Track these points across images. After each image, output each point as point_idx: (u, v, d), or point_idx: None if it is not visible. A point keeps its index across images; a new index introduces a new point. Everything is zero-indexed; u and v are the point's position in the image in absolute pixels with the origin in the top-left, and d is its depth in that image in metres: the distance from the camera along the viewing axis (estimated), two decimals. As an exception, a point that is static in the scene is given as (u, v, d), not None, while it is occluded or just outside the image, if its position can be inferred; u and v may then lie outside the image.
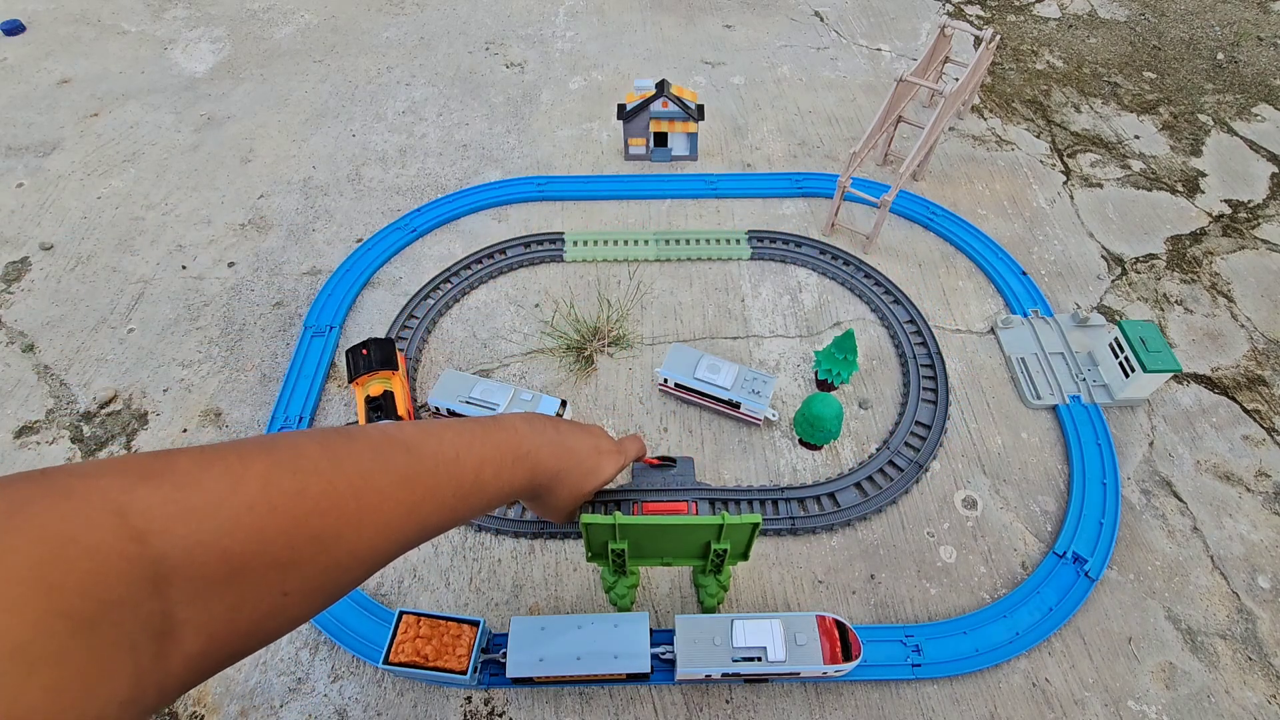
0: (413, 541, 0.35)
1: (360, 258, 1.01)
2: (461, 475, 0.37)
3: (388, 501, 0.32)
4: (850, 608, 0.70)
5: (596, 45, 1.45)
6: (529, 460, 0.43)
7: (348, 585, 0.32)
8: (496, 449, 0.40)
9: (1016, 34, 1.48)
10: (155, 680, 0.22)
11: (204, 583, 0.23)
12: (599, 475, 0.52)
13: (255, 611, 0.26)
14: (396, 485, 0.32)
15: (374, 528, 0.31)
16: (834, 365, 0.81)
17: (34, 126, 1.27)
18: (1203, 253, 1.04)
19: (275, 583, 0.26)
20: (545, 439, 0.45)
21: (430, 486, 0.35)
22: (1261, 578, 0.72)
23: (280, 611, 0.28)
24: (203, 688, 0.65)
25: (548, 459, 0.45)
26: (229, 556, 0.24)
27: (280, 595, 0.27)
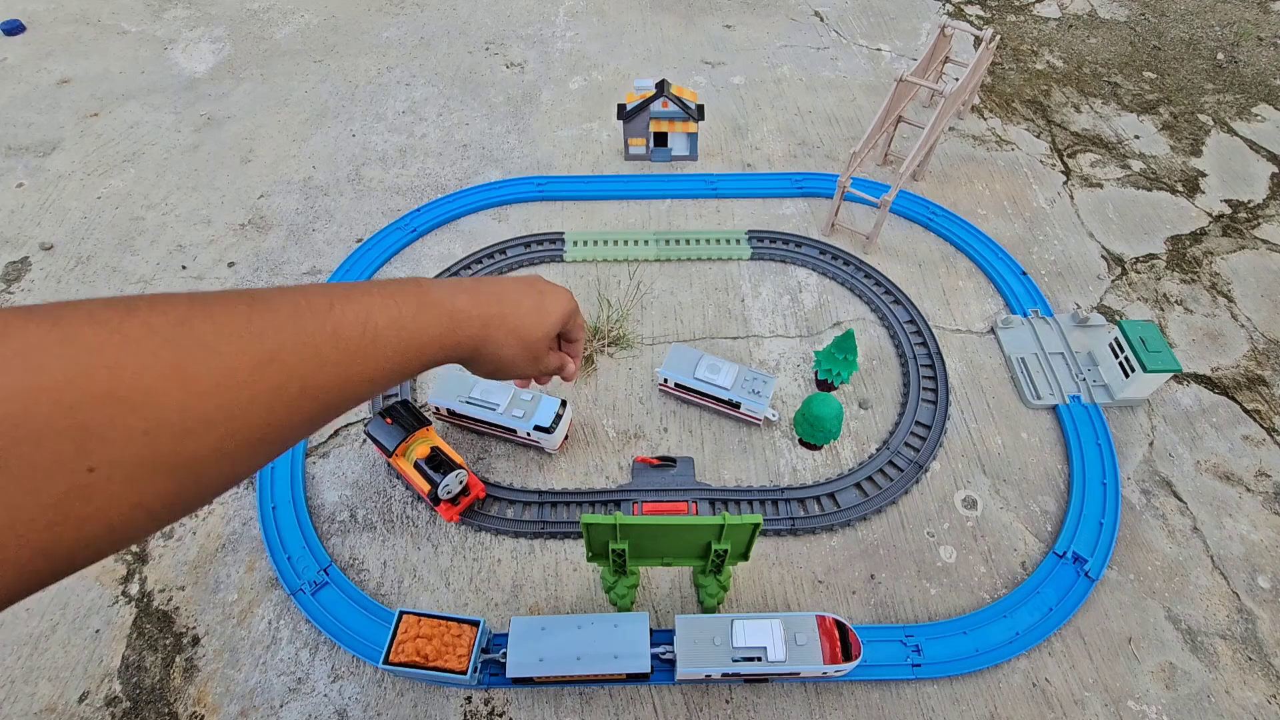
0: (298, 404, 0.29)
1: (360, 258, 1.01)
2: (340, 323, 0.31)
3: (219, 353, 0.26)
4: (850, 608, 0.70)
5: (596, 45, 1.45)
6: (441, 307, 0.36)
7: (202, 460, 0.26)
8: (391, 296, 0.34)
9: (1016, 34, 1.48)
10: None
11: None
12: (549, 311, 0.44)
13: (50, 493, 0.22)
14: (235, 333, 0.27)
15: (211, 384, 0.25)
16: (834, 365, 0.81)
17: (34, 126, 1.27)
18: (1203, 253, 1.04)
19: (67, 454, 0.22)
20: (455, 287, 0.38)
21: (292, 337, 0.29)
22: (1261, 578, 0.72)
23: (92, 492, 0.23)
24: (203, 688, 0.65)
25: (467, 305, 0.38)
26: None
27: (84, 471, 0.22)
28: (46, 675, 0.66)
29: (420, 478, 0.72)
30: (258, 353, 0.27)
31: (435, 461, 0.71)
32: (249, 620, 0.70)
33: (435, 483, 0.70)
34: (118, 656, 0.68)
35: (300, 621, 0.70)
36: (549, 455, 0.81)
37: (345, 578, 0.71)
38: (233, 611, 0.70)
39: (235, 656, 0.67)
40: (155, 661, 0.67)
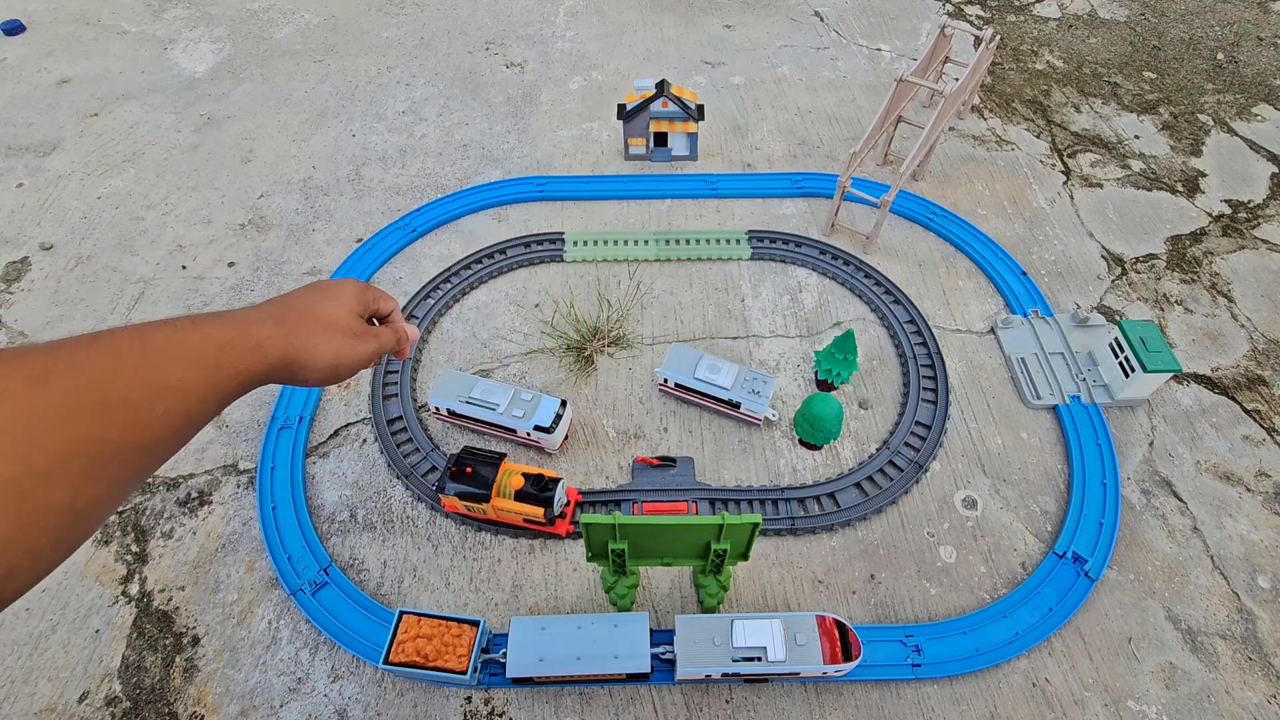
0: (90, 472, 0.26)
1: (360, 258, 1.01)
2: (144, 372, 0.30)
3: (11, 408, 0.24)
4: (850, 608, 0.70)
5: (596, 45, 1.45)
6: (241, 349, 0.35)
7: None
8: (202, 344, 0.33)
9: (1016, 34, 1.48)
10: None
11: None
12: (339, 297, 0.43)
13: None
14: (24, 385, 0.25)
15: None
16: (834, 365, 0.81)
17: (34, 126, 1.27)
18: (1203, 253, 1.04)
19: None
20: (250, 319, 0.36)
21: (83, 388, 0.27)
22: (1261, 578, 0.72)
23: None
24: (203, 688, 0.65)
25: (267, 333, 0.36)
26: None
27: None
28: (46, 675, 0.66)
29: (528, 507, 0.66)
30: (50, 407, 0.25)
31: (540, 484, 0.65)
32: (249, 620, 0.70)
33: (550, 502, 0.65)
34: (118, 656, 0.68)
35: (300, 621, 0.70)
36: (549, 455, 0.81)
37: (345, 578, 0.71)
38: (233, 611, 0.70)
39: (235, 656, 0.67)
40: (155, 661, 0.67)
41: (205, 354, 0.33)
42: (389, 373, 0.88)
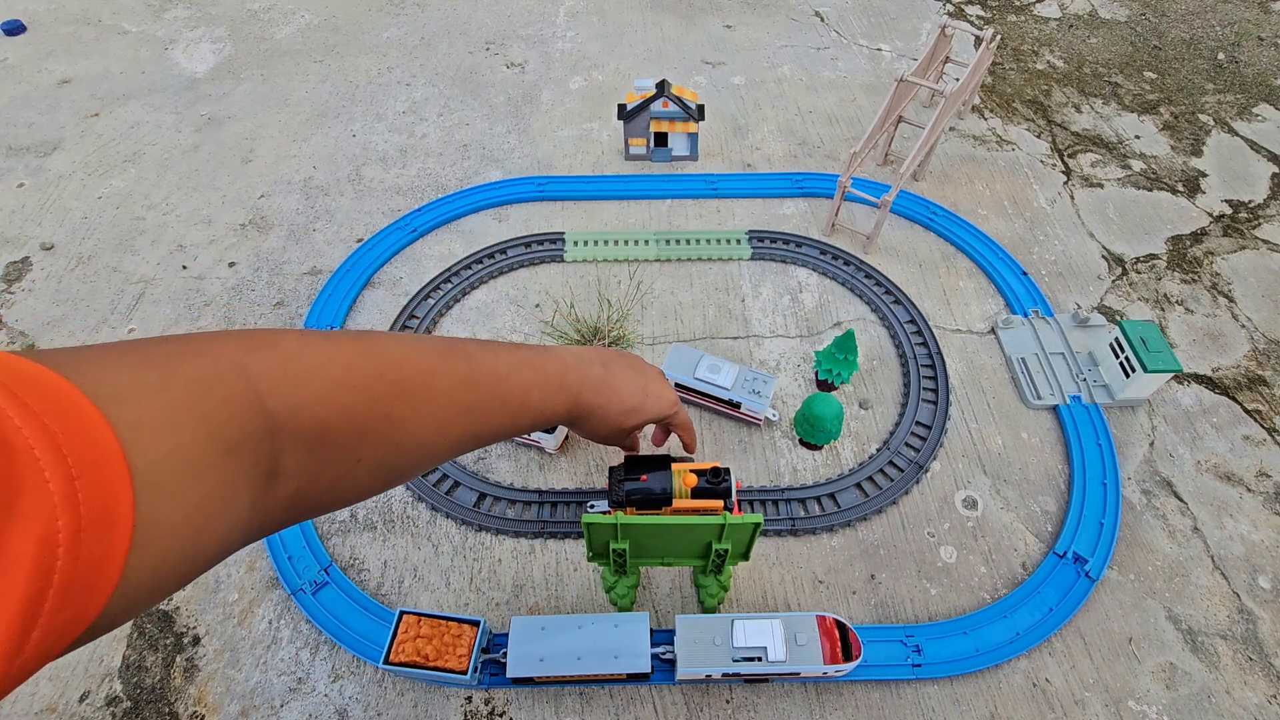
0: (465, 443, 0.39)
1: (361, 258, 1.01)
2: (510, 392, 0.41)
3: (446, 398, 0.36)
4: (850, 608, 0.70)
5: (597, 45, 1.45)
6: (570, 391, 0.46)
7: (408, 468, 0.36)
8: (544, 375, 0.44)
9: (1017, 34, 1.48)
10: (264, 510, 0.28)
11: (300, 438, 0.29)
12: (639, 415, 0.52)
13: (336, 470, 0.31)
14: (455, 386, 0.37)
15: (433, 419, 0.36)
16: (834, 365, 0.81)
17: (35, 126, 1.27)
18: (1203, 253, 1.04)
19: (353, 449, 0.31)
20: (590, 374, 0.48)
21: (483, 395, 0.39)
22: (1262, 578, 0.72)
23: (352, 475, 0.32)
24: (203, 688, 0.65)
25: (589, 394, 0.47)
26: (319, 420, 0.29)
27: (355, 461, 0.32)
28: (47, 675, 0.66)
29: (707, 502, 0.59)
30: (464, 402, 0.37)
31: (714, 477, 0.59)
32: (249, 620, 0.70)
33: (729, 493, 0.59)
34: (118, 656, 0.68)
35: (300, 621, 0.70)
36: (549, 455, 0.81)
37: (345, 577, 0.71)
38: (233, 611, 0.70)
39: (235, 656, 0.68)
40: (156, 661, 0.67)
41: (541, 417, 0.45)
42: (389, 373, 0.88)
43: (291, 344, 0.30)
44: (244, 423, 0.26)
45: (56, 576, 0.18)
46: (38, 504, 0.18)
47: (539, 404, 0.43)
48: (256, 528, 0.28)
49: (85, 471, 0.19)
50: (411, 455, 0.35)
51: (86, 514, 0.19)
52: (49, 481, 0.18)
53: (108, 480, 0.20)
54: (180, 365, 0.25)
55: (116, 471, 0.20)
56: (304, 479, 0.30)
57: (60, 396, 0.20)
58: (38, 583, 0.18)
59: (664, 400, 0.54)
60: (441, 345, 0.38)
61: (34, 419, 0.19)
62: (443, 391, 0.36)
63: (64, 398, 0.20)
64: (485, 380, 0.39)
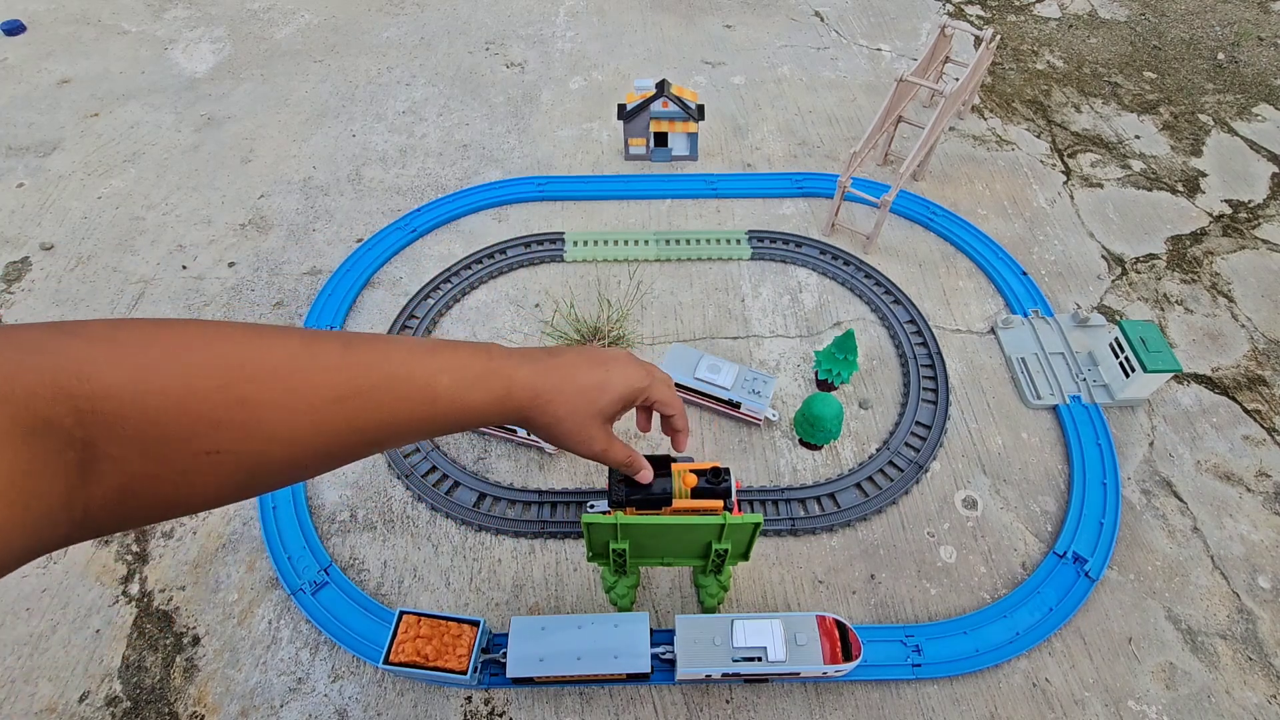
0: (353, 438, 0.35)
1: (360, 258, 1.01)
2: (412, 377, 0.37)
3: (311, 380, 0.32)
4: (850, 608, 0.70)
5: (597, 45, 1.45)
6: (498, 376, 0.40)
7: (278, 465, 0.32)
8: (457, 359, 0.39)
9: (1017, 34, 1.48)
10: (81, 503, 0.26)
11: (126, 424, 0.27)
12: (604, 392, 0.45)
13: (177, 463, 0.28)
14: (324, 369, 0.33)
15: (303, 409, 0.32)
16: (834, 365, 0.81)
17: (34, 126, 1.27)
18: (1203, 253, 1.04)
19: (199, 438, 0.29)
20: (522, 358, 0.42)
21: (368, 383, 0.35)
22: (1262, 578, 0.72)
23: (203, 471, 0.29)
24: (203, 688, 0.65)
25: (525, 376, 0.41)
26: (149, 404, 0.27)
27: (202, 454, 0.29)
28: (47, 675, 0.66)
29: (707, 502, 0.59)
30: (340, 388, 0.34)
31: (714, 477, 0.59)
32: (249, 620, 0.70)
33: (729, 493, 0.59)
34: (118, 656, 0.68)
35: (300, 621, 0.70)
36: (549, 455, 0.81)
37: (345, 578, 0.71)
38: (233, 611, 0.70)
39: (235, 656, 0.68)
40: (155, 661, 0.67)
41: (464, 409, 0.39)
42: (389, 373, 0.88)
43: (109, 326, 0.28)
44: (46, 404, 0.24)
45: None
46: None
47: (452, 392, 0.38)
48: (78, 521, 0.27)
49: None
50: (279, 449, 0.32)
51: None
52: None
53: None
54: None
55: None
56: (131, 470, 0.27)
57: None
58: None
59: (633, 371, 0.47)
60: (312, 332, 0.35)
61: None
62: (307, 373, 0.32)
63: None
64: (367, 364, 0.35)
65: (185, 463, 0.29)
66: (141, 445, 0.27)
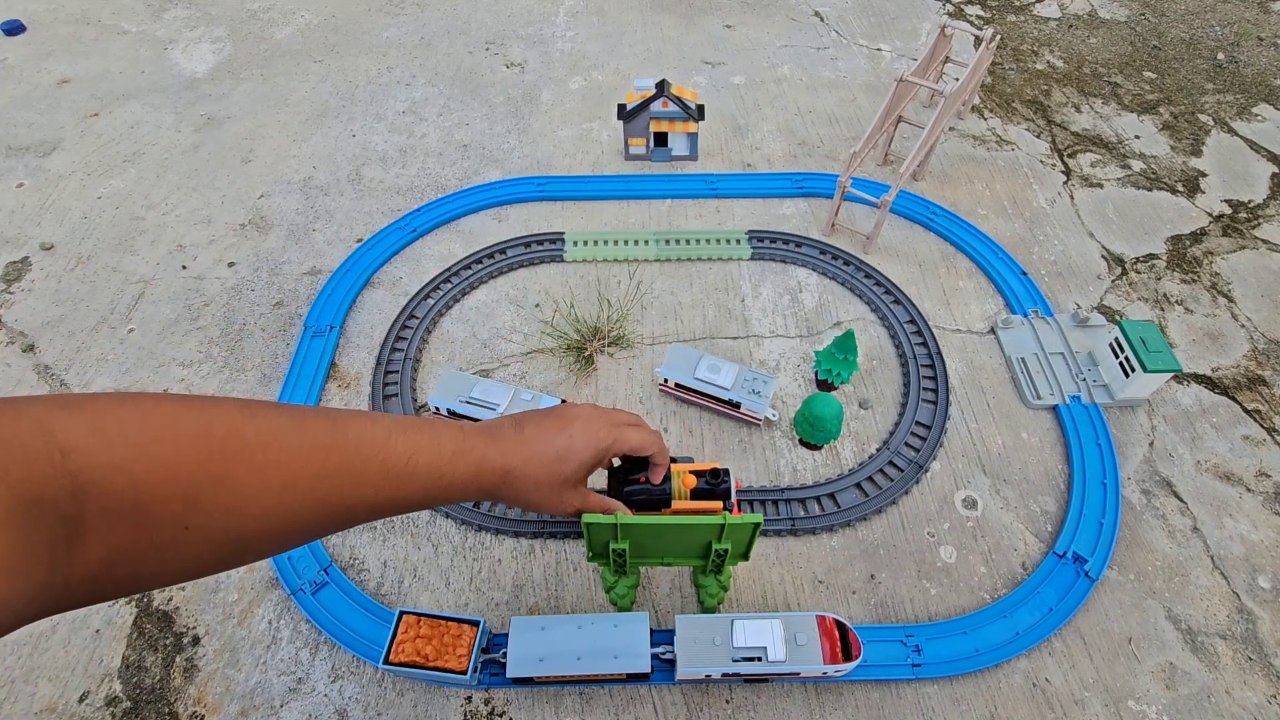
0: (330, 514, 0.36)
1: (360, 258, 1.01)
2: (389, 456, 0.37)
3: (298, 461, 0.33)
4: (850, 608, 0.70)
5: (597, 45, 1.45)
6: (473, 455, 0.42)
7: (255, 539, 0.33)
8: (433, 437, 0.40)
9: (1017, 34, 1.48)
10: (63, 575, 0.26)
11: (112, 500, 0.27)
12: (571, 458, 0.46)
13: (156, 537, 0.29)
14: (311, 448, 0.34)
15: (280, 483, 0.32)
16: (834, 365, 0.81)
17: (34, 126, 1.27)
18: (1203, 253, 1.04)
19: (177, 514, 0.29)
20: (490, 436, 0.44)
21: (351, 458, 0.36)
22: (1262, 578, 0.72)
23: (180, 545, 0.30)
24: (203, 688, 0.65)
25: (494, 455, 0.43)
26: (134, 480, 0.27)
27: (181, 529, 0.29)
28: (46, 675, 0.66)
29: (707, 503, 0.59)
30: (321, 467, 0.34)
31: (713, 478, 0.59)
32: (249, 620, 0.70)
33: (728, 494, 0.59)
34: (118, 656, 0.68)
35: (300, 621, 0.70)
36: (549, 455, 0.81)
37: (345, 578, 0.71)
38: (233, 611, 0.70)
39: (235, 656, 0.68)
40: (155, 661, 0.67)
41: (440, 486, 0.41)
42: (389, 373, 0.88)
43: (104, 403, 0.29)
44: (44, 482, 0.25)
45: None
46: None
47: (429, 469, 0.39)
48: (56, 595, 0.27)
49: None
50: (260, 523, 0.32)
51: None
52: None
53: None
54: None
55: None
56: (114, 543, 0.27)
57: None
58: None
59: (594, 434, 0.47)
60: (300, 409, 0.36)
61: None
62: (290, 451, 0.33)
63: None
64: (352, 444, 0.36)
65: (164, 536, 0.29)
66: (125, 520, 0.28)
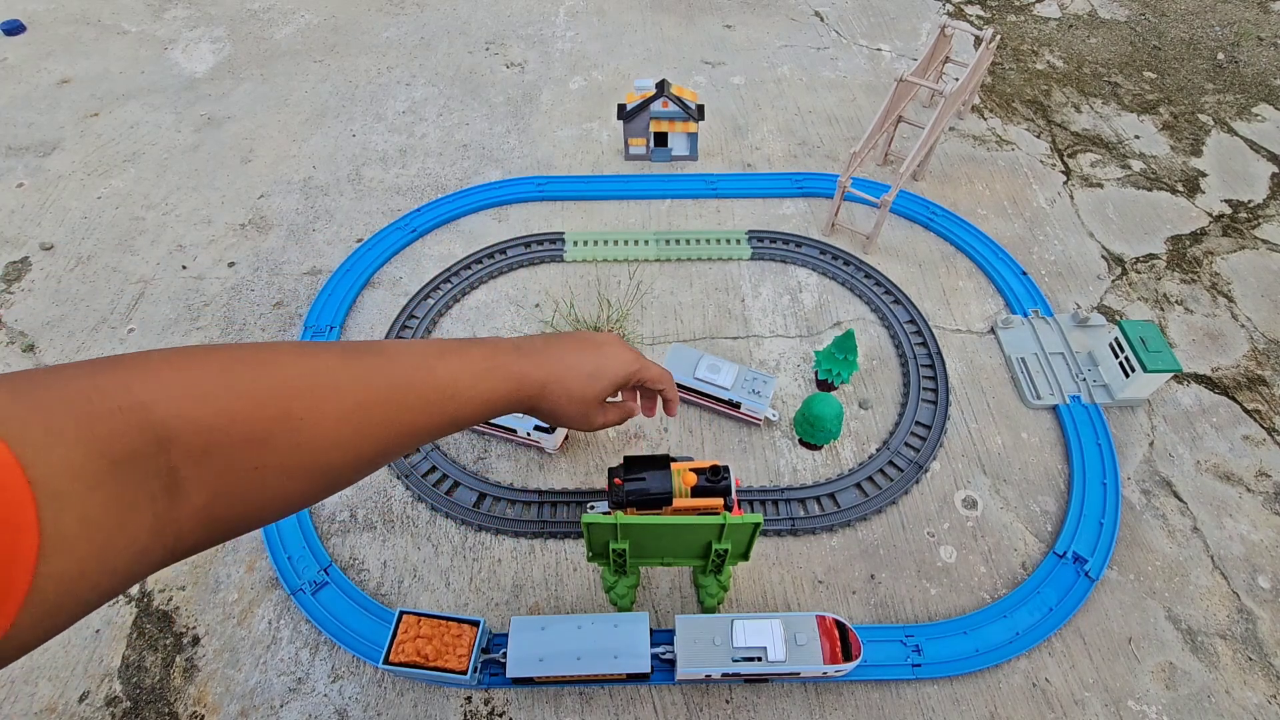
0: (391, 440, 0.38)
1: (360, 258, 1.01)
2: (436, 380, 0.40)
3: (348, 393, 0.35)
4: (850, 608, 0.70)
5: (597, 45, 1.45)
6: (509, 370, 0.45)
7: (332, 472, 0.35)
8: (469, 359, 0.43)
9: (1017, 34, 1.48)
10: (171, 528, 0.28)
11: (195, 448, 0.28)
12: (603, 377, 0.50)
13: (243, 479, 0.30)
14: (358, 379, 0.36)
15: (336, 415, 0.34)
16: (834, 365, 0.81)
17: (34, 126, 1.27)
18: (1203, 253, 1.04)
19: (254, 455, 0.30)
20: (523, 352, 0.46)
21: (398, 385, 0.38)
22: (1262, 578, 0.72)
23: (265, 483, 0.31)
24: (203, 688, 0.65)
25: (530, 369, 0.46)
26: (209, 426, 0.29)
27: (253, 469, 0.31)
28: (46, 675, 0.66)
29: (707, 500, 0.59)
30: (372, 397, 0.36)
31: (713, 475, 0.59)
32: (249, 620, 0.70)
33: (728, 491, 0.59)
34: (118, 656, 0.68)
35: (300, 621, 0.70)
36: (549, 455, 0.81)
37: (345, 578, 0.71)
38: (233, 611, 0.70)
39: (235, 656, 0.68)
40: (155, 661, 0.67)
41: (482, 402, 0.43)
42: (389, 373, 0.88)
43: (173, 356, 0.30)
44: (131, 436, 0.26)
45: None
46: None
47: (472, 388, 0.42)
48: (170, 544, 0.28)
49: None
50: (328, 456, 0.34)
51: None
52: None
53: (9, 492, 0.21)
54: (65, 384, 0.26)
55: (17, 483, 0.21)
56: (213, 489, 0.29)
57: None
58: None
59: (623, 359, 0.52)
60: (350, 345, 0.38)
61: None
62: (344, 387, 0.35)
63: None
64: (400, 372, 0.38)
65: (250, 476, 0.31)
66: (214, 464, 0.29)
